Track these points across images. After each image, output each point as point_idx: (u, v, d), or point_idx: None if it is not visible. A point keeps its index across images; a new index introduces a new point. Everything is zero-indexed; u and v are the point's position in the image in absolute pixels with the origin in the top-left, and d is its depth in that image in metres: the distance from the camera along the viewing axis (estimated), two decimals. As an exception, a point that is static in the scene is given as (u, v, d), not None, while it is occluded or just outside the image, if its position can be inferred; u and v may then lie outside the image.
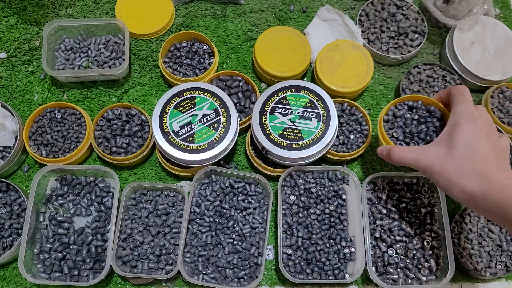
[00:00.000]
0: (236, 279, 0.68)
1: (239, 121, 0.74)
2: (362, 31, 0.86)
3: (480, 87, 0.83)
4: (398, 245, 0.69)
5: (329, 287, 0.72)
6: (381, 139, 0.69)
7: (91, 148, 0.77)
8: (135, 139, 0.76)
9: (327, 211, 0.71)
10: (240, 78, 0.80)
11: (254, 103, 0.78)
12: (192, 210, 0.71)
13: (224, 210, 0.71)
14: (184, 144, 0.69)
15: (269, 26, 0.89)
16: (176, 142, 0.69)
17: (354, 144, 0.76)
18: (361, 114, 0.78)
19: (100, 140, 0.75)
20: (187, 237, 0.69)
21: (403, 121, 0.69)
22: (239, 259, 0.69)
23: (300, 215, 0.70)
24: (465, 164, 0.54)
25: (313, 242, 0.69)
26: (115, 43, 0.84)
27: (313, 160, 0.71)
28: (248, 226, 0.70)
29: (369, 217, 0.71)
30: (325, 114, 0.70)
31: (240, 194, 0.73)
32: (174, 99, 0.72)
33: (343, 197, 0.71)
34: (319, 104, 0.71)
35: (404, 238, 0.70)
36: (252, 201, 0.72)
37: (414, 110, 0.69)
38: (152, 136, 0.73)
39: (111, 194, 0.74)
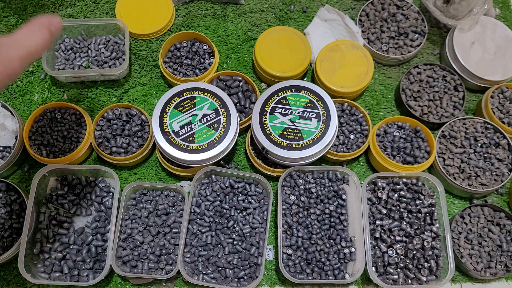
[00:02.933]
0: (236, 279, 0.68)
1: (239, 121, 0.74)
2: (362, 31, 0.86)
3: (480, 87, 0.83)
4: (398, 245, 0.69)
5: (329, 287, 0.72)
6: (373, 150, 0.75)
7: (91, 148, 0.77)
8: (135, 139, 0.76)
9: (327, 211, 0.71)
10: (240, 78, 0.80)
11: (254, 103, 0.78)
12: (192, 210, 0.71)
13: (224, 210, 0.71)
14: (184, 144, 0.69)
15: (269, 26, 0.89)
16: (176, 142, 0.69)
17: (354, 144, 0.76)
18: (361, 114, 0.78)
19: (100, 140, 0.75)
20: (187, 237, 0.69)
21: (392, 137, 0.76)
22: (239, 259, 0.69)
23: (300, 215, 0.70)
24: None
25: (313, 242, 0.69)
26: (115, 43, 0.84)
27: (313, 160, 0.71)
28: (248, 226, 0.70)
29: (369, 217, 0.71)
30: (325, 114, 0.70)
31: (240, 194, 0.73)
32: (174, 99, 0.72)
33: (343, 197, 0.71)
34: (319, 104, 0.71)
35: (404, 238, 0.70)
36: (252, 201, 0.72)
37: (402, 130, 0.77)
38: (152, 136, 0.73)
39: (111, 194, 0.74)
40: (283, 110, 0.71)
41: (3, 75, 0.48)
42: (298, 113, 0.71)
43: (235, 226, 0.70)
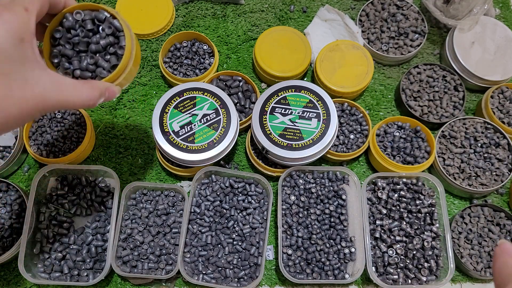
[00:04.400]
0: (236, 279, 0.68)
1: (239, 121, 0.74)
2: (362, 31, 0.86)
3: (480, 87, 0.83)
4: (398, 245, 0.69)
5: (329, 287, 0.72)
6: (373, 150, 0.75)
7: (91, 148, 0.77)
8: (107, 57, 0.51)
9: (327, 211, 0.71)
10: (240, 78, 0.80)
11: (254, 103, 0.78)
12: (192, 210, 0.71)
13: (224, 210, 0.71)
14: (184, 144, 0.69)
15: (269, 26, 0.89)
16: (176, 142, 0.69)
17: (354, 144, 0.76)
18: (361, 114, 0.78)
19: (57, 60, 0.50)
20: (187, 237, 0.69)
21: (392, 137, 0.76)
22: (239, 259, 0.69)
23: (300, 215, 0.70)
24: None
25: (313, 242, 0.69)
26: (115, 42, 0.83)
27: (313, 160, 0.71)
28: (248, 226, 0.70)
29: (369, 217, 0.71)
30: (325, 114, 0.70)
31: (240, 194, 0.73)
32: (174, 99, 0.72)
33: (343, 197, 0.71)
34: (319, 104, 0.71)
35: (404, 238, 0.70)
36: (252, 201, 0.72)
37: (402, 130, 0.77)
38: (130, 53, 0.51)
39: (111, 194, 0.74)
40: (283, 110, 0.71)
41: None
42: (298, 113, 0.71)
43: (235, 226, 0.70)
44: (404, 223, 0.70)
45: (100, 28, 0.51)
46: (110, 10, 0.50)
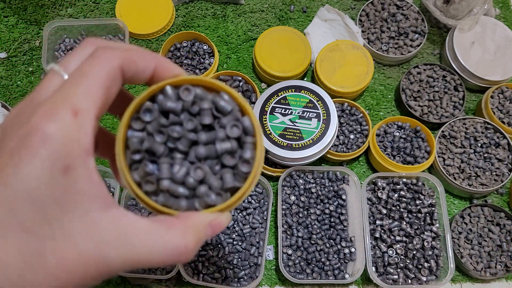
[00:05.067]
0: (236, 279, 0.68)
1: (239, 121, 0.74)
2: (362, 31, 0.86)
3: (480, 87, 0.83)
4: (398, 245, 0.69)
5: (329, 287, 0.72)
6: (373, 150, 0.75)
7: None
8: (217, 168, 0.28)
9: (327, 211, 0.71)
10: (240, 78, 0.80)
11: (254, 103, 0.78)
12: (192, 210, 0.71)
13: (224, 210, 0.71)
14: (184, 144, 0.69)
15: (269, 26, 0.89)
16: (176, 142, 0.69)
17: (354, 144, 0.76)
18: (361, 114, 0.78)
19: (139, 157, 0.27)
20: (187, 237, 0.69)
21: (392, 137, 0.77)
22: (239, 259, 0.69)
23: (300, 215, 0.70)
24: None
25: (313, 242, 0.69)
26: (115, 42, 0.82)
27: (313, 160, 0.71)
28: (248, 226, 0.70)
29: (369, 217, 0.71)
30: (325, 114, 0.70)
31: (240, 194, 0.73)
32: (174, 99, 0.72)
33: (343, 197, 0.71)
34: (319, 104, 0.71)
35: (404, 238, 0.70)
36: (252, 201, 0.72)
37: (402, 130, 0.77)
38: (255, 178, 0.29)
39: (111, 194, 0.74)
40: (283, 110, 0.71)
41: None
42: (298, 113, 0.71)
43: (235, 226, 0.70)
44: (404, 223, 0.70)
45: (217, 122, 0.28)
46: (241, 100, 0.29)
